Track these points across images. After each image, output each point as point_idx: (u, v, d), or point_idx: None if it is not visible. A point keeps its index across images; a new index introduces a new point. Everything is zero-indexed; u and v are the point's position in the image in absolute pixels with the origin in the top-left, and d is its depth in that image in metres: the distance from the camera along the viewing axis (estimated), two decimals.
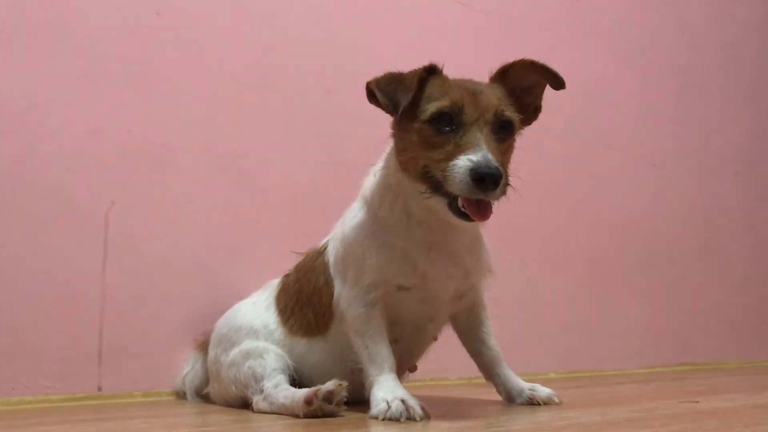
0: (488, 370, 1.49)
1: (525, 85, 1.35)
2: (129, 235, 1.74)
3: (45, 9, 1.69)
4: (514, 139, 1.31)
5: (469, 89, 1.26)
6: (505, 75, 1.33)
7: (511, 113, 1.28)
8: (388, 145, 1.39)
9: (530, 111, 1.36)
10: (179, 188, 1.82)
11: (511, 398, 1.46)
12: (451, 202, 1.22)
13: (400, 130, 1.31)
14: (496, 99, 1.27)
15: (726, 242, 2.92)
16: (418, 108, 1.25)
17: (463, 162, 1.17)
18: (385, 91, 1.25)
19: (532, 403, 1.43)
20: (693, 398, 1.55)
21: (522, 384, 1.46)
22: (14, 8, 1.66)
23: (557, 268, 2.43)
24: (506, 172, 1.21)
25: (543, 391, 1.44)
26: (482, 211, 1.19)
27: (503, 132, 1.26)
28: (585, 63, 2.58)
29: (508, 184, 1.21)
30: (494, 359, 1.48)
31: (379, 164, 1.41)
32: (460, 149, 1.19)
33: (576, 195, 2.50)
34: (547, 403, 1.42)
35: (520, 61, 1.32)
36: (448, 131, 1.22)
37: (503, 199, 1.21)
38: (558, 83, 1.33)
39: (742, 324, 2.92)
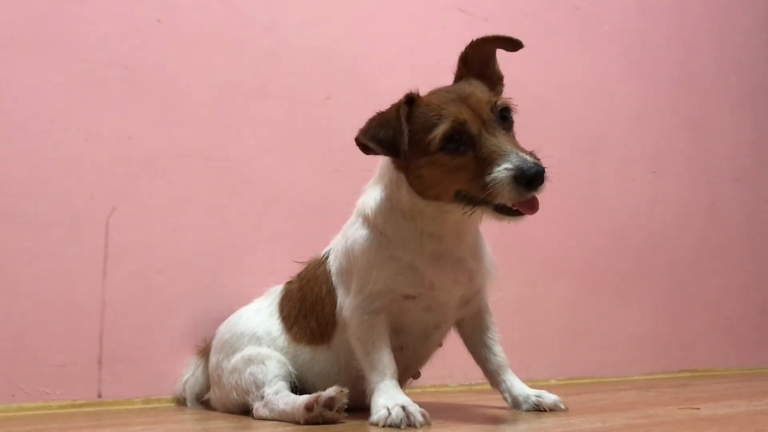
0: (494, 376, 1.48)
1: (484, 61, 1.34)
2: (129, 241, 1.74)
3: (46, 16, 1.70)
4: (513, 120, 1.30)
5: (455, 98, 1.24)
6: (466, 63, 1.34)
7: (500, 98, 1.27)
8: (382, 165, 1.38)
9: (496, 82, 1.35)
10: (180, 195, 1.82)
11: (517, 404, 1.44)
12: (497, 206, 1.20)
13: (411, 168, 1.27)
14: (480, 92, 1.26)
15: (726, 249, 2.92)
16: (420, 142, 1.23)
17: (503, 173, 1.15)
18: (381, 142, 1.23)
19: (539, 409, 1.42)
20: (693, 405, 1.54)
21: (528, 390, 1.45)
22: (15, 15, 1.66)
23: (557, 274, 2.43)
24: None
25: (549, 397, 1.43)
26: (534, 203, 1.19)
27: (505, 121, 1.26)
28: (584, 69, 2.59)
29: None
30: (500, 365, 1.48)
31: (377, 188, 1.38)
32: (487, 162, 1.17)
33: (575, 201, 2.50)
34: (553, 409, 1.41)
35: (470, 43, 1.33)
36: (463, 149, 1.21)
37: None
38: (514, 44, 1.33)
39: (742, 330, 2.92)
